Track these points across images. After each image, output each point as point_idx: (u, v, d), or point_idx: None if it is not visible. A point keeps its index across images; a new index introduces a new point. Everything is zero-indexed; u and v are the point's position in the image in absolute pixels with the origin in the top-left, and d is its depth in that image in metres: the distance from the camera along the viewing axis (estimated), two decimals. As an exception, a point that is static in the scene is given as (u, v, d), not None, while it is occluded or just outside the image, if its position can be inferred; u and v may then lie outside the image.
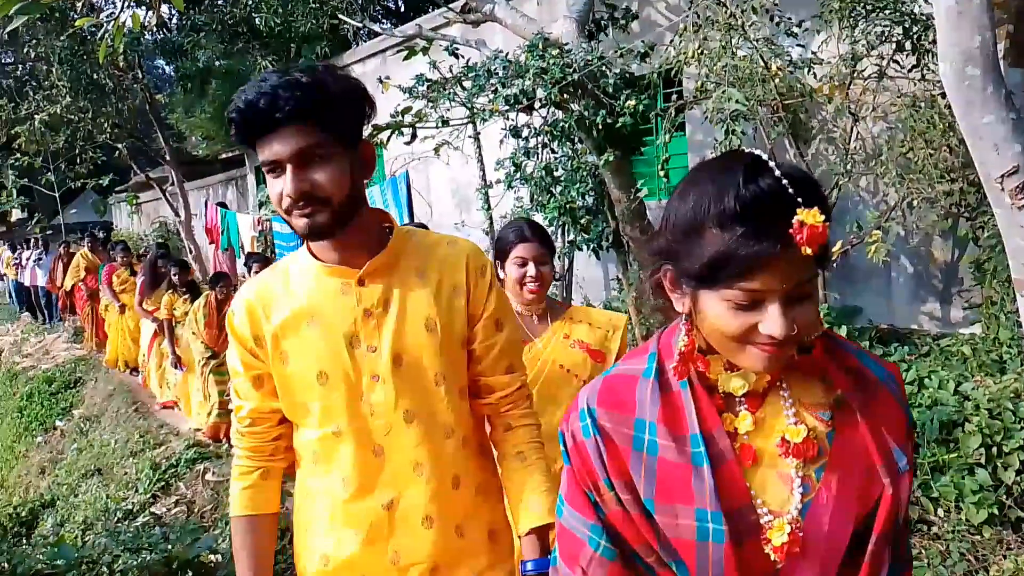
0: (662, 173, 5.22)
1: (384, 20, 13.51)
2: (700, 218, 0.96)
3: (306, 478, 1.61)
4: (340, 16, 10.00)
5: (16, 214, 22.56)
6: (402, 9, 14.17)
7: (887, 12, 4.38)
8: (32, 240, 14.72)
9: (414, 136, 6.10)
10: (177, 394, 7.59)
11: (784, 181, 0.93)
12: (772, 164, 0.95)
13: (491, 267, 1.62)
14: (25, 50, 13.72)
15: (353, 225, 1.48)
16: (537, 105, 5.40)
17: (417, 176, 8.19)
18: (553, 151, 5.80)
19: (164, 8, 7.47)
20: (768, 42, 4.47)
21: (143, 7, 5.95)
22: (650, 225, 5.65)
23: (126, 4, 4.82)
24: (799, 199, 0.92)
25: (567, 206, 5.48)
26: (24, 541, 6.21)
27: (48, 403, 9.64)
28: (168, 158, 13.11)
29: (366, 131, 1.54)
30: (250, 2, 11.33)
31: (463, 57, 5.99)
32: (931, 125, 4.30)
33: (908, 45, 4.42)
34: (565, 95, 5.11)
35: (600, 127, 5.07)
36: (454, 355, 1.58)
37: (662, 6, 6.57)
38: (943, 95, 3.62)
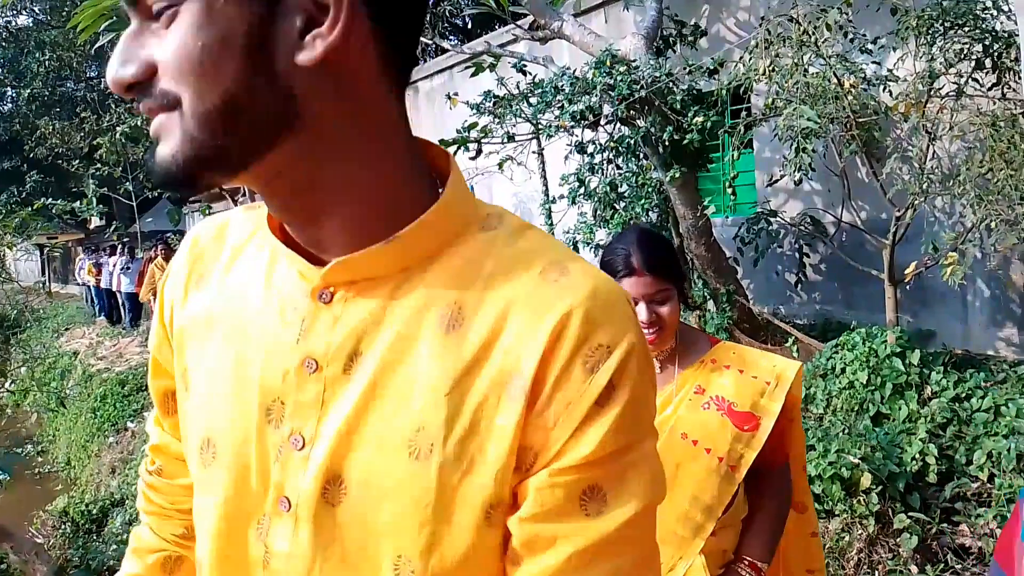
0: (729, 190, 5.17)
1: (452, 36, 13.69)
2: None
3: None
4: (409, 32, 10.17)
5: (95, 221, 23.45)
6: (470, 26, 14.34)
7: (966, 29, 4.27)
8: (117, 247, 15.11)
9: (479, 151, 6.16)
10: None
11: None
12: None
13: (626, 354, 0.64)
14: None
15: (325, 167, 0.64)
16: (603, 121, 5.40)
17: (480, 191, 8.27)
18: (618, 167, 5.79)
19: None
20: (842, 59, 4.39)
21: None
22: (716, 242, 5.58)
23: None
24: None
25: (631, 222, 5.45)
26: (95, 538, 6.42)
27: (120, 404, 9.94)
28: (240, 170, 13.43)
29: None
30: (322, 19, 11.65)
31: (531, 73, 6.04)
32: (1012, 145, 4.15)
33: (988, 63, 4.30)
34: (632, 111, 5.10)
35: (667, 143, 5.05)
36: (459, 533, 0.65)
37: (731, 23, 6.52)
38: (1026, 114, 3.50)
